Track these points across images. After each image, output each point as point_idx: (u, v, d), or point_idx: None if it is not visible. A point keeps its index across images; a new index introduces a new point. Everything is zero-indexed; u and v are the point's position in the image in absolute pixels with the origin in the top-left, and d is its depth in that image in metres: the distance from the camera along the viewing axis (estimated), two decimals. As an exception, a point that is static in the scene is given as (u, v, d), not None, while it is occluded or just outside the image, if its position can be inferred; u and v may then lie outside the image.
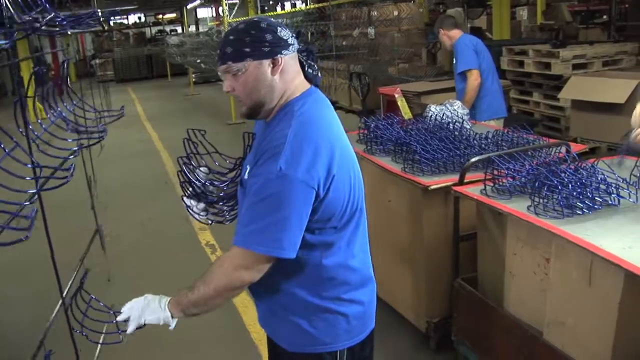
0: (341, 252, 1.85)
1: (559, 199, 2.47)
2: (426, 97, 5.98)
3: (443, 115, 4.07)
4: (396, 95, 5.76)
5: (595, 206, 2.49)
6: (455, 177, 3.15)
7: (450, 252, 3.25)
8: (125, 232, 6.05)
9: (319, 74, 1.94)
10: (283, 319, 1.91)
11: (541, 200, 2.54)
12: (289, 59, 1.80)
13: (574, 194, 2.48)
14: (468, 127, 4.18)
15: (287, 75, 1.80)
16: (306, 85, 1.86)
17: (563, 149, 3.37)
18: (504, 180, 2.85)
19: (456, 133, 3.68)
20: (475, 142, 3.53)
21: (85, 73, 21.73)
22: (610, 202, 2.52)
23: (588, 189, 2.52)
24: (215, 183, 2.07)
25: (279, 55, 1.76)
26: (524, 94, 7.60)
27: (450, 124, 3.93)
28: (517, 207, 2.63)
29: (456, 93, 5.27)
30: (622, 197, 2.53)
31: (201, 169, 2.11)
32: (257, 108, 1.82)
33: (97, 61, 21.25)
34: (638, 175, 2.75)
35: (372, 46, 8.55)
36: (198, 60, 12.76)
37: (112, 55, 21.47)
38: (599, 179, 2.57)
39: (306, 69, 1.88)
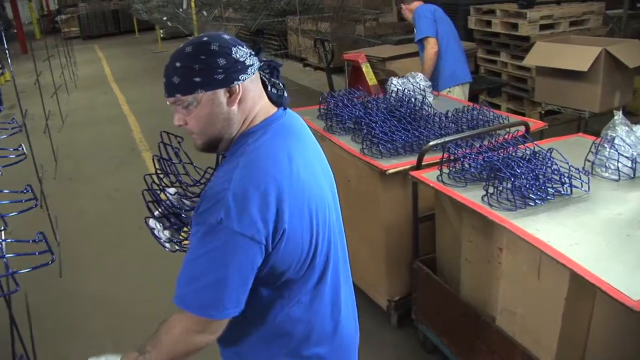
0: (302, 306, 1.65)
1: (512, 190, 2.48)
2: (391, 63, 5.92)
3: (405, 89, 4.03)
4: (360, 62, 5.70)
5: (548, 197, 2.50)
6: (414, 159, 3.13)
7: (410, 233, 3.26)
8: (92, 205, 5.97)
9: (285, 93, 1.67)
10: None
11: (495, 190, 2.55)
12: (249, 84, 1.55)
13: (527, 185, 2.48)
14: (430, 99, 4.16)
15: (246, 103, 1.56)
16: (269, 110, 1.63)
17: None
18: (462, 164, 2.84)
19: (416, 109, 3.66)
20: (435, 119, 3.50)
21: (51, 29, 21.21)
22: (563, 192, 2.53)
23: (541, 180, 2.52)
24: (187, 203, 1.91)
25: (235, 83, 1.52)
26: (491, 54, 7.56)
27: (412, 99, 3.91)
28: (473, 195, 2.63)
29: (420, 60, 5.21)
30: (574, 186, 2.54)
31: (170, 189, 1.94)
32: (215, 143, 1.60)
33: (62, 17, 20.60)
34: (592, 160, 2.77)
35: (338, 9, 8.41)
36: (164, 18, 12.47)
37: (77, 10, 20.82)
38: (552, 169, 2.58)
39: (269, 89, 1.64)
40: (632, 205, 2.45)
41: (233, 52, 1.51)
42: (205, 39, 1.53)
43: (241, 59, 1.52)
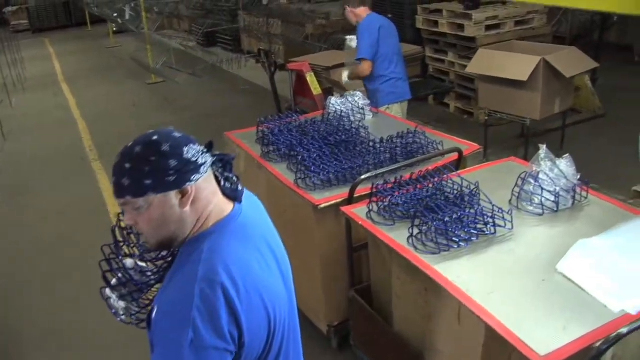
0: None
1: (435, 236, 2.51)
2: (335, 72, 5.92)
3: (341, 112, 4.05)
4: (305, 71, 5.71)
5: (472, 238, 2.54)
6: (347, 191, 3.14)
7: (346, 262, 3.28)
8: (40, 224, 5.83)
9: (240, 186, 1.64)
10: None
11: (420, 232, 2.58)
12: (202, 182, 1.52)
13: (450, 229, 2.52)
14: (369, 117, 4.20)
15: (200, 203, 1.53)
16: (224, 208, 1.59)
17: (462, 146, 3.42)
18: (390, 201, 2.87)
19: (352, 134, 3.67)
20: (370, 146, 3.51)
21: (-1, 22, 20.57)
22: (486, 232, 2.57)
23: (464, 222, 2.56)
24: (146, 270, 1.87)
25: (188, 184, 1.48)
26: (439, 53, 7.61)
27: (351, 117, 3.97)
28: (399, 235, 2.66)
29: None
30: (498, 225, 2.59)
31: (128, 260, 1.90)
32: (168, 244, 1.58)
33: (10, 8, 20.01)
34: (517, 194, 2.83)
35: (285, 15, 8.40)
36: (115, 15, 12.23)
37: (26, 1, 20.21)
38: (476, 210, 2.62)
39: (223, 184, 1.60)
40: (552, 244, 2.51)
41: (185, 152, 1.48)
42: (155, 137, 1.49)
43: (193, 159, 1.49)
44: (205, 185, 1.54)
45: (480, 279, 2.32)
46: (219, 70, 10.41)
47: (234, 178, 1.63)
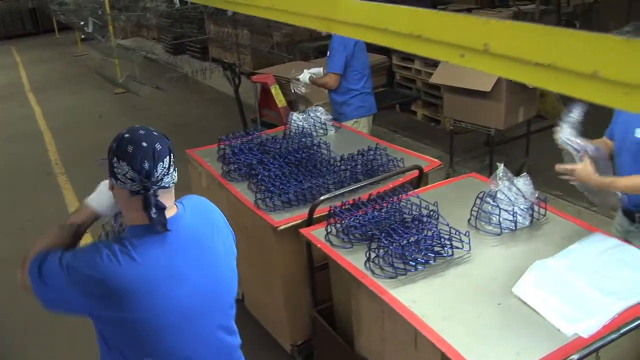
0: None
1: (392, 259, 2.50)
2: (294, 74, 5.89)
3: (303, 127, 4.04)
4: (269, 83, 5.68)
5: (430, 261, 2.53)
6: (307, 211, 3.12)
7: (307, 281, 3.26)
8: (3, 240, 5.71)
9: (161, 226, 1.78)
10: None
11: (377, 255, 2.57)
12: (120, 191, 1.81)
13: (407, 254, 2.51)
14: (332, 132, 4.19)
15: (120, 201, 1.86)
16: (141, 222, 1.81)
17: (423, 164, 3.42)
18: (347, 223, 2.85)
19: (312, 152, 3.65)
20: (330, 165, 3.49)
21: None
22: (444, 254, 2.56)
23: (422, 244, 2.55)
24: None
25: (111, 178, 1.81)
26: (406, 61, 7.63)
27: (313, 133, 3.95)
28: (357, 258, 2.64)
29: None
30: (456, 247, 2.58)
31: None
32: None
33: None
34: (475, 214, 2.83)
35: (251, 24, 8.36)
36: (82, 23, 12.05)
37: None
38: (433, 233, 2.61)
39: (151, 213, 1.77)
40: (508, 266, 2.51)
41: (114, 162, 1.75)
42: (125, 135, 1.78)
43: (115, 170, 1.75)
44: (123, 198, 1.82)
45: (436, 303, 2.31)
46: (186, 79, 10.32)
47: (158, 227, 1.78)
